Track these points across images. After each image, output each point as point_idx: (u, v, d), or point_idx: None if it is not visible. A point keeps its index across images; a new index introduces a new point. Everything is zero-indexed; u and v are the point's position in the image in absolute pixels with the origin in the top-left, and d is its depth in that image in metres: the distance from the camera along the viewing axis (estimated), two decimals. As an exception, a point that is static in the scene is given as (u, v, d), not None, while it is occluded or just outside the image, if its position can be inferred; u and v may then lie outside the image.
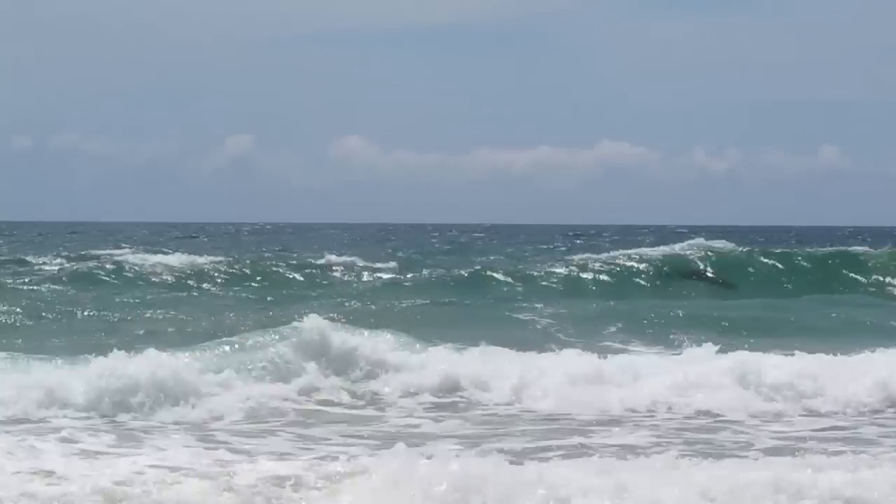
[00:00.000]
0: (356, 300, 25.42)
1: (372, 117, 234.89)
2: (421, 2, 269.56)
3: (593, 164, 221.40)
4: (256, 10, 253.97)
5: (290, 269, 32.74)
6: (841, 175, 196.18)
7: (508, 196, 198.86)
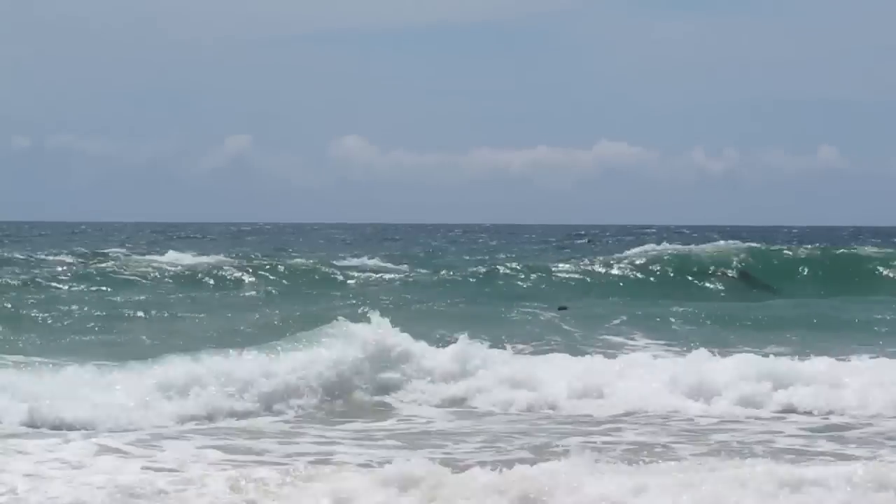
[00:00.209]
0: (392, 299, 25.27)
1: (371, 117, 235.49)
2: (420, 2, 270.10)
3: (592, 165, 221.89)
4: (256, 10, 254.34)
5: (310, 270, 32.56)
6: (840, 175, 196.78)
7: (507, 196, 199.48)
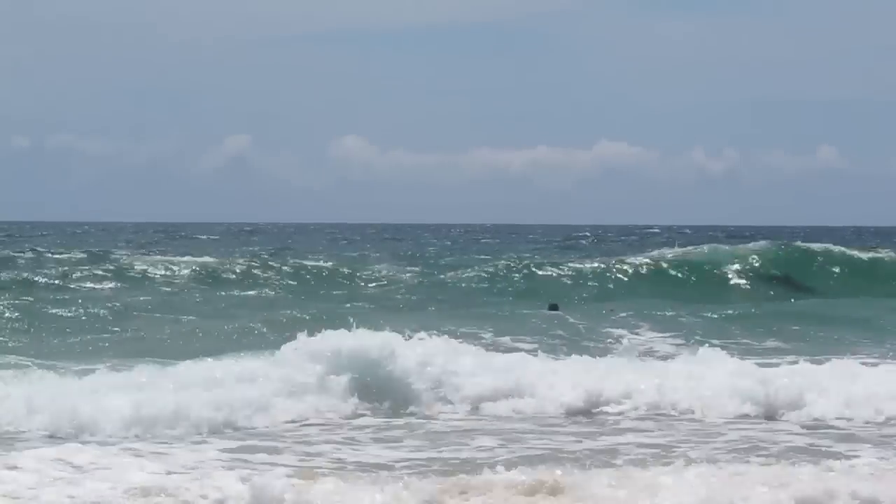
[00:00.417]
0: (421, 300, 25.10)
1: (370, 117, 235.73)
2: (420, 2, 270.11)
3: (592, 164, 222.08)
4: (256, 10, 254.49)
5: (326, 270, 32.56)
6: (840, 175, 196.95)
7: (507, 196, 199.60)
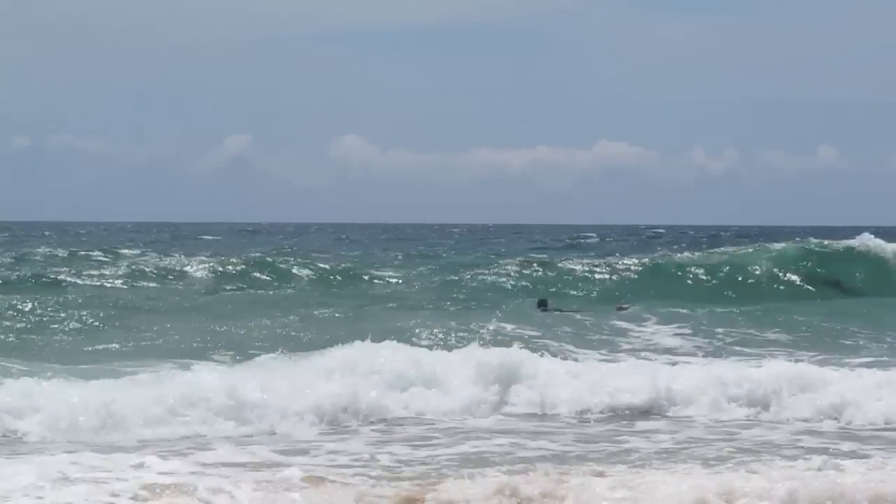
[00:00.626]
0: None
1: (371, 117, 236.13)
2: (420, 2, 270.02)
3: (592, 164, 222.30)
4: (256, 10, 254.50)
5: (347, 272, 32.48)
6: (840, 175, 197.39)
7: (506, 196, 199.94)
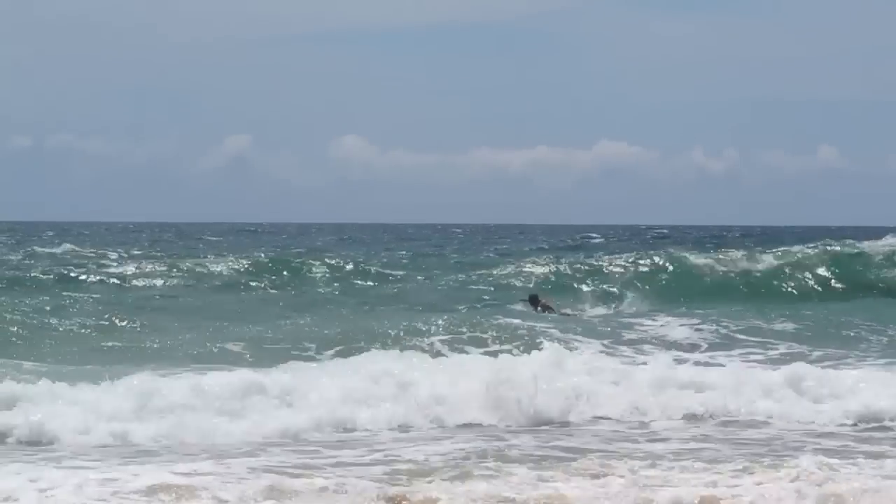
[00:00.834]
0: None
1: (371, 117, 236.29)
2: (420, 2, 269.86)
3: (592, 164, 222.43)
4: (256, 10, 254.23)
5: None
6: (840, 175, 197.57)
7: (507, 196, 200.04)
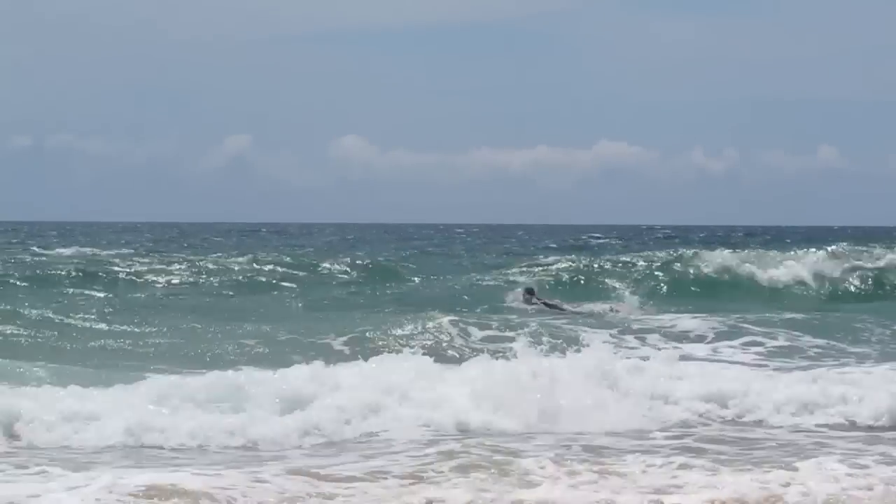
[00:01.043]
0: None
1: (371, 117, 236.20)
2: (420, 2, 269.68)
3: (592, 164, 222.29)
4: (255, 10, 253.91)
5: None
6: (840, 175, 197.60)
7: (507, 196, 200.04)
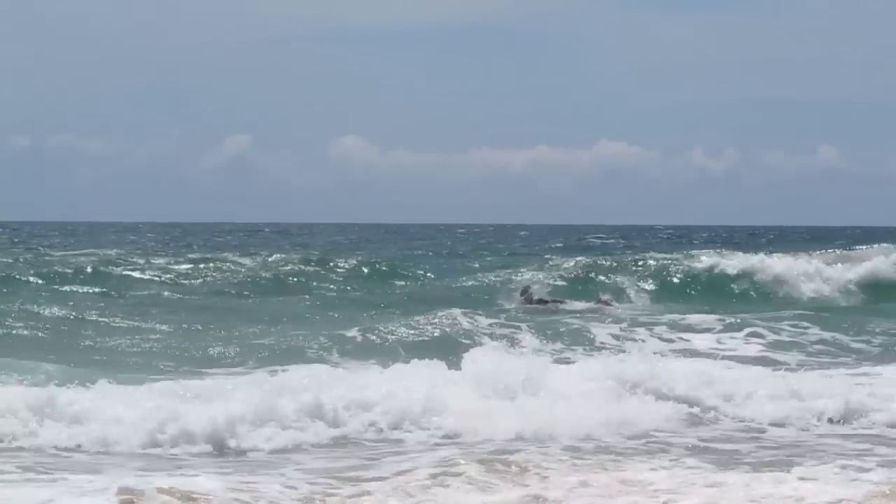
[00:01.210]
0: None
1: (371, 117, 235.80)
2: (420, 2, 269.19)
3: (592, 164, 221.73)
4: (255, 10, 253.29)
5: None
6: (840, 175, 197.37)
7: (507, 196, 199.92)
